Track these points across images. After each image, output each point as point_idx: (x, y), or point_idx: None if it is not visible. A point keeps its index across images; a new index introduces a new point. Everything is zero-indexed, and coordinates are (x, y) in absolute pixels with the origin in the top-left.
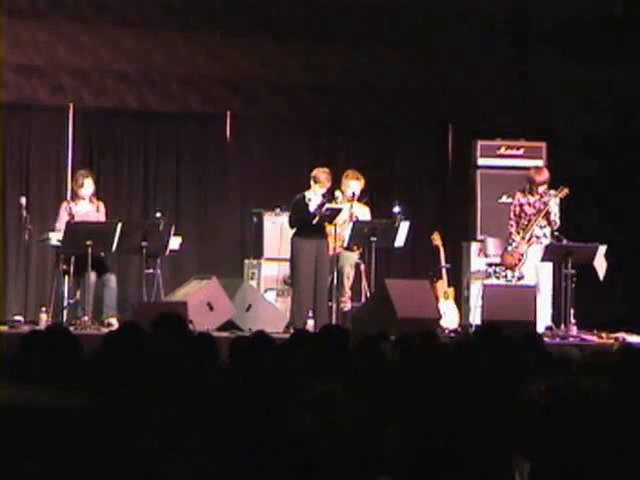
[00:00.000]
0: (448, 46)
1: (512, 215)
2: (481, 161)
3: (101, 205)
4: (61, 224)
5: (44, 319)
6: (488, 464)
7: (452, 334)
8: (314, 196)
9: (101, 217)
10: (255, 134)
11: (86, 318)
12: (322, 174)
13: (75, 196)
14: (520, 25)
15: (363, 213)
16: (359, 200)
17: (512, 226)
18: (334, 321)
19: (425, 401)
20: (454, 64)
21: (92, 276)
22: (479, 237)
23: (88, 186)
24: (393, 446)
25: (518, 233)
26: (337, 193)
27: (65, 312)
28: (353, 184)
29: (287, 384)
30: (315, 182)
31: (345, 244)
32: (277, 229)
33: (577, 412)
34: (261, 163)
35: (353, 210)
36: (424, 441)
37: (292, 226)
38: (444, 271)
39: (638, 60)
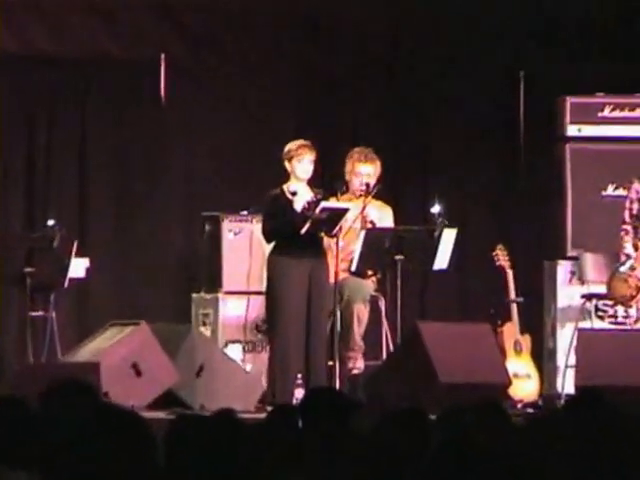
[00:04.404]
0: None
1: (627, 217)
2: (572, 129)
3: None
4: None
5: None
6: None
7: (529, 409)
8: (301, 187)
9: None
10: (206, 90)
11: None
12: (294, 144)
13: None
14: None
15: (382, 216)
16: (374, 195)
17: (626, 234)
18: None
19: None
20: None
21: None
22: (570, 253)
23: None
24: None
25: (636, 246)
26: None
27: None
28: (365, 169)
29: None
30: (290, 160)
31: (354, 267)
32: (243, 243)
33: None
34: (216, 138)
35: (366, 212)
36: None
37: (269, 238)
38: (514, 308)
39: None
